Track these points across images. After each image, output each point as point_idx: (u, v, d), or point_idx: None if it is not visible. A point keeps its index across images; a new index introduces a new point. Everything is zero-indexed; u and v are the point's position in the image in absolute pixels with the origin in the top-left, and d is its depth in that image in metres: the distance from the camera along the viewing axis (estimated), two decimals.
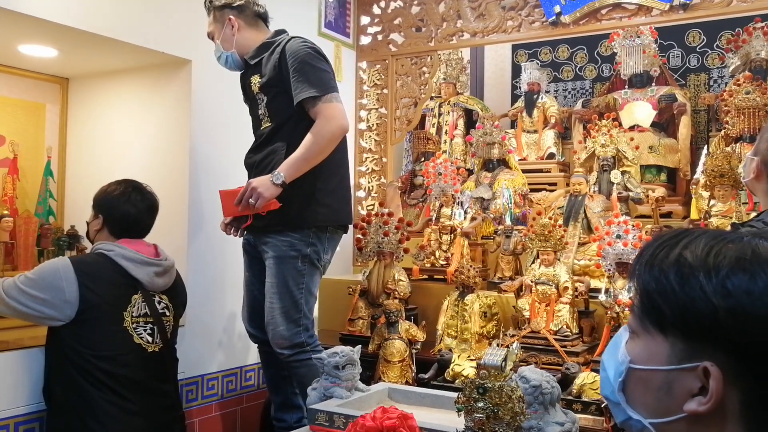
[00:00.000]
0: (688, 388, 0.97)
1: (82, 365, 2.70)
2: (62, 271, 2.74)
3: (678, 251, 0.99)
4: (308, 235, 3.06)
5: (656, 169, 4.67)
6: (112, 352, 2.77)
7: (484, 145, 4.65)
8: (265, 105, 3.09)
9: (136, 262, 2.90)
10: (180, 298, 3.16)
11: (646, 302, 1.02)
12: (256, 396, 3.90)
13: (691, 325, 0.96)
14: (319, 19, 4.52)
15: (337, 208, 3.15)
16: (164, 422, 2.93)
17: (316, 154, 2.93)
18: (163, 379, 2.96)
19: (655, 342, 1.01)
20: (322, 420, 2.35)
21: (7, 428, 2.72)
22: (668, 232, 1.06)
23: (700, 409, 0.95)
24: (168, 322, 3.00)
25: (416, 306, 3.86)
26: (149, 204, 3.07)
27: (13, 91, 3.84)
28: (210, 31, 3.22)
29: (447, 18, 4.64)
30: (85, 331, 2.73)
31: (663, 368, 0.99)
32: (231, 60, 3.17)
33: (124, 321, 2.83)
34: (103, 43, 3.30)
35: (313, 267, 3.10)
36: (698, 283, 0.95)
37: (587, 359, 3.12)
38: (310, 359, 3.00)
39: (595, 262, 3.51)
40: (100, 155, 3.93)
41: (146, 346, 2.87)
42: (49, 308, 2.69)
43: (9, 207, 3.68)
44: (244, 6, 3.18)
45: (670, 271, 0.98)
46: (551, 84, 5.75)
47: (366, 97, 4.93)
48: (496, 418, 1.62)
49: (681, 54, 5.32)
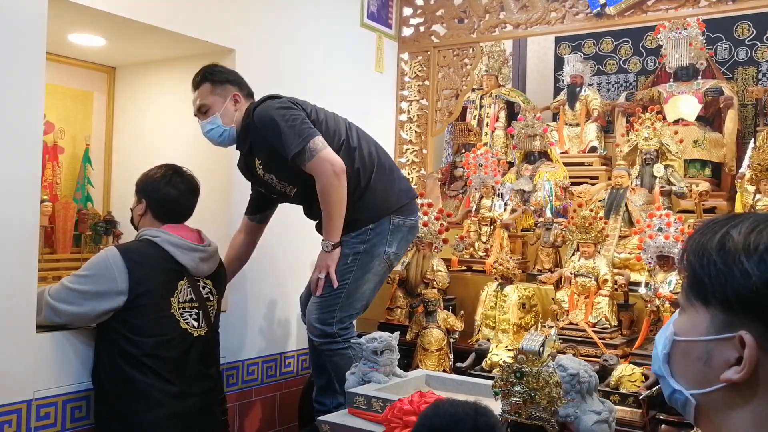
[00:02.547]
0: (726, 358, 0.99)
1: (129, 351, 2.72)
2: (112, 261, 2.75)
3: (725, 230, 1.02)
4: (365, 233, 3.09)
5: (701, 164, 4.60)
6: (160, 337, 2.79)
7: (525, 137, 4.62)
8: (278, 179, 3.14)
9: (182, 248, 2.91)
10: (223, 284, 3.20)
11: (691, 277, 1.05)
12: (295, 382, 3.93)
13: (729, 296, 0.98)
14: (361, 11, 4.53)
15: (384, 197, 3.15)
16: (207, 405, 2.96)
17: (337, 206, 2.98)
18: (207, 363, 2.99)
19: (697, 314, 1.04)
20: (360, 403, 2.38)
21: (56, 405, 2.77)
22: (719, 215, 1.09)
23: (735, 378, 0.97)
24: (212, 306, 3.04)
25: (454, 296, 3.87)
26: (190, 186, 3.08)
27: (63, 79, 3.92)
28: (205, 103, 3.12)
29: (490, 9, 4.62)
30: (134, 318, 2.75)
31: (703, 339, 1.02)
32: (227, 134, 3.15)
33: (171, 307, 2.85)
34: (149, 32, 3.35)
35: (366, 265, 3.10)
36: (738, 255, 0.98)
37: (626, 352, 3.10)
38: (342, 349, 3.02)
39: (635, 255, 3.48)
40: (145, 144, 4.00)
41: (192, 330, 2.90)
42: (105, 302, 2.70)
43: (49, 192, 3.76)
44: (244, 84, 3.21)
45: (714, 247, 1.01)
46: (594, 77, 5.70)
47: (407, 88, 4.94)
48: (533, 403, 1.62)
49: (729, 47, 5.22)
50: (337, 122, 3.17)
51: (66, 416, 2.81)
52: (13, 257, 2.61)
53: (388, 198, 3.16)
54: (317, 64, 4.11)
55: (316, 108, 3.16)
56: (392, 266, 3.25)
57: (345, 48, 4.39)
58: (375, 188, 3.13)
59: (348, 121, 3.25)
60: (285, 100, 3.05)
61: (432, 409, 1.80)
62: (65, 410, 2.81)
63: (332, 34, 4.28)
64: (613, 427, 2.11)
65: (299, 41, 4.02)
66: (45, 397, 2.74)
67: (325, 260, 3.04)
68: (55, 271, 3.64)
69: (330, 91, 3.22)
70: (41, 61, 2.76)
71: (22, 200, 2.67)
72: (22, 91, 2.68)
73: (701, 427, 1.07)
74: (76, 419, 2.85)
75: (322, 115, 3.14)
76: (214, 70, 3.16)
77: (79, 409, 2.85)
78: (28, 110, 2.70)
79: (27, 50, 2.71)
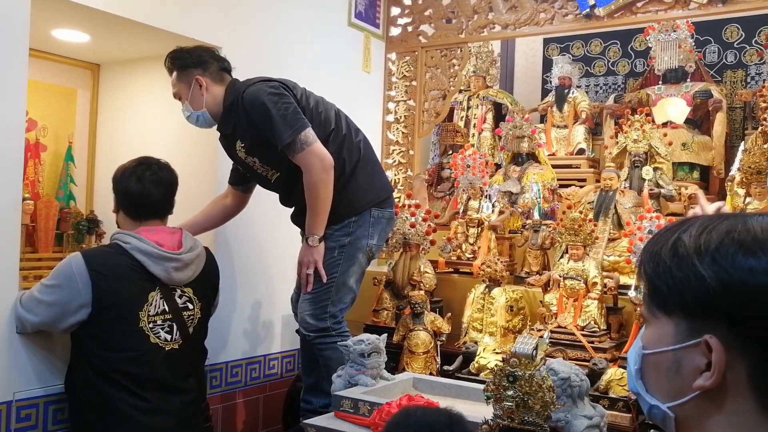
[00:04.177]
0: (696, 365, 0.97)
1: (99, 365, 2.60)
2: (76, 271, 2.59)
3: (676, 236, 1.02)
4: (348, 225, 3.09)
5: (689, 167, 4.60)
6: (129, 353, 2.63)
7: (513, 139, 4.60)
8: (261, 163, 3.08)
9: (153, 257, 2.70)
10: (209, 287, 3.01)
11: (650, 287, 1.04)
12: (280, 384, 3.90)
13: (689, 302, 0.97)
14: (349, 10, 4.50)
15: (367, 188, 3.14)
16: (185, 418, 2.80)
17: (324, 202, 2.95)
18: (182, 375, 2.82)
19: (661, 324, 1.02)
20: (347, 406, 2.34)
21: (37, 407, 2.72)
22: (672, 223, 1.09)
23: (707, 384, 0.96)
24: (191, 315, 2.85)
25: (441, 298, 3.83)
26: (157, 178, 2.85)
27: (46, 75, 3.86)
28: (176, 91, 3.10)
29: (478, 10, 4.60)
30: (101, 332, 2.61)
31: (670, 348, 1.01)
32: (202, 119, 3.09)
33: (140, 321, 2.66)
34: (134, 29, 3.30)
35: (351, 257, 3.10)
36: (690, 259, 0.97)
37: (615, 356, 3.07)
38: (335, 343, 2.96)
39: (624, 258, 3.45)
40: (129, 142, 3.94)
41: (163, 344, 2.71)
42: (69, 314, 2.57)
43: (31, 191, 3.70)
44: (209, 62, 3.08)
45: (667, 254, 1.01)
46: (583, 79, 5.70)
47: (394, 88, 4.90)
48: (526, 407, 1.59)
49: (718, 49, 5.23)
50: (327, 109, 3.14)
51: (48, 418, 2.76)
52: None
53: (371, 190, 3.17)
54: (304, 62, 4.06)
55: (306, 92, 3.12)
56: (372, 257, 3.26)
57: (332, 47, 4.35)
58: (359, 179, 3.13)
59: (337, 108, 3.22)
60: (276, 84, 2.97)
61: (402, 418, 1.71)
62: (47, 412, 2.76)
63: (320, 33, 4.25)
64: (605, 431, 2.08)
65: (286, 39, 3.98)
66: (25, 399, 2.69)
67: (312, 255, 3.01)
68: (37, 270, 3.58)
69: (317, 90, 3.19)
70: (24, 56, 2.71)
71: (3, 198, 2.62)
72: (5, 87, 2.63)
73: None
74: (57, 421, 2.79)
75: (312, 101, 3.10)
76: (176, 56, 3.07)
77: (61, 411, 2.80)
78: (10, 107, 2.65)
79: (9, 46, 2.66)
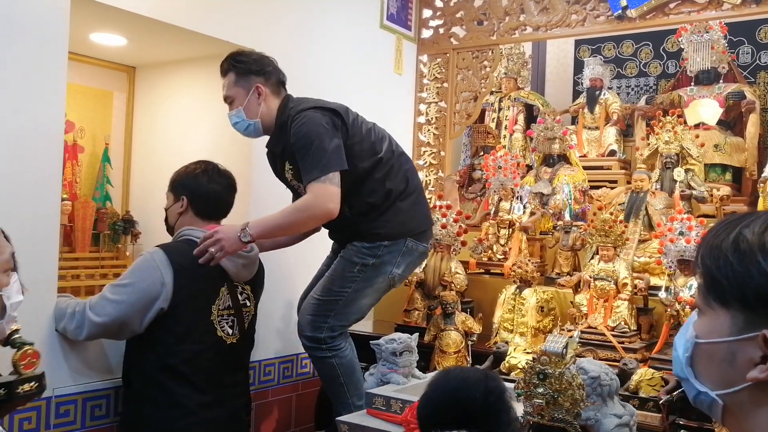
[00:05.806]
0: (750, 357, 0.99)
1: (163, 357, 2.66)
2: (158, 262, 2.67)
3: (737, 231, 1.03)
4: (378, 248, 3.00)
5: (721, 168, 4.57)
6: (196, 345, 2.72)
7: (544, 140, 4.60)
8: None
9: None
10: (260, 287, 3.11)
11: (708, 279, 1.05)
12: (312, 384, 3.92)
13: (748, 296, 0.99)
14: (381, 12, 4.53)
15: (409, 217, 3.05)
16: (235, 410, 2.92)
17: (292, 224, 2.85)
18: (236, 369, 2.93)
19: (717, 316, 1.04)
20: (379, 404, 2.37)
21: (75, 403, 2.78)
22: (730, 216, 1.11)
23: (761, 376, 0.98)
24: (248, 312, 2.96)
25: (472, 299, 3.85)
26: (230, 182, 3.02)
27: (83, 78, 3.94)
28: (229, 95, 2.99)
29: (510, 12, 4.61)
30: (175, 324, 2.68)
31: (725, 340, 1.02)
32: (252, 128, 3.01)
33: (211, 314, 2.78)
34: (170, 32, 3.36)
35: (370, 279, 3.02)
36: (754, 255, 0.99)
37: (645, 356, 3.07)
38: (326, 358, 2.96)
39: (655, 260, 3.45)
40: (164, 143, 4.01)
41: (226, 338, 2.82)
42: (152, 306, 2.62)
43: (68, 191, 3.78)
44: (271, 73, 3.00)
45: (729, 248, 1.02)
46: (614, 80, 5.68)
47: (426, 90, 4.93)
48: (556, 405, 1.61)
49: (751, 50, 5.18)
50: (377, 137, 3.05)
51: (86, 414, 2.82)
52: (33, 255, 2.60)
53: (412, 219, 3.08)
54: (336, 65, 4.11)
55: (359, 118, 3.04)
56: (393, 286, 3.15)
57: (364, 49, 4.39)
58: (401, 208, 3.04)
59: (390, 137, 3.13)
60: (329, 118, 2.86)
61: (443, 375, 1.86)
62: (85, 408, 2.82)
63: (352, 35, 4.29)
64: (634, 430, 2.09)
65: (319, 42, 4.02)
66: (65, 395, 2.75)
67: (227, 241, 2.69)
68: (74, 269, 3.66)
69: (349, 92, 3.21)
70: (63, 60, 2.77)
71: (42, 199, 2.68)
72: (45, 90, 2.69)
73: (728, 427, 1.08)
74: (95, 417, 2.86)
75: (365, 129, 3.01)
76: (238, 60, 2.99)
77: (99, 408, 2.86)
78: (49, 109, 2.71)
79: (49, 49, 2.72)
